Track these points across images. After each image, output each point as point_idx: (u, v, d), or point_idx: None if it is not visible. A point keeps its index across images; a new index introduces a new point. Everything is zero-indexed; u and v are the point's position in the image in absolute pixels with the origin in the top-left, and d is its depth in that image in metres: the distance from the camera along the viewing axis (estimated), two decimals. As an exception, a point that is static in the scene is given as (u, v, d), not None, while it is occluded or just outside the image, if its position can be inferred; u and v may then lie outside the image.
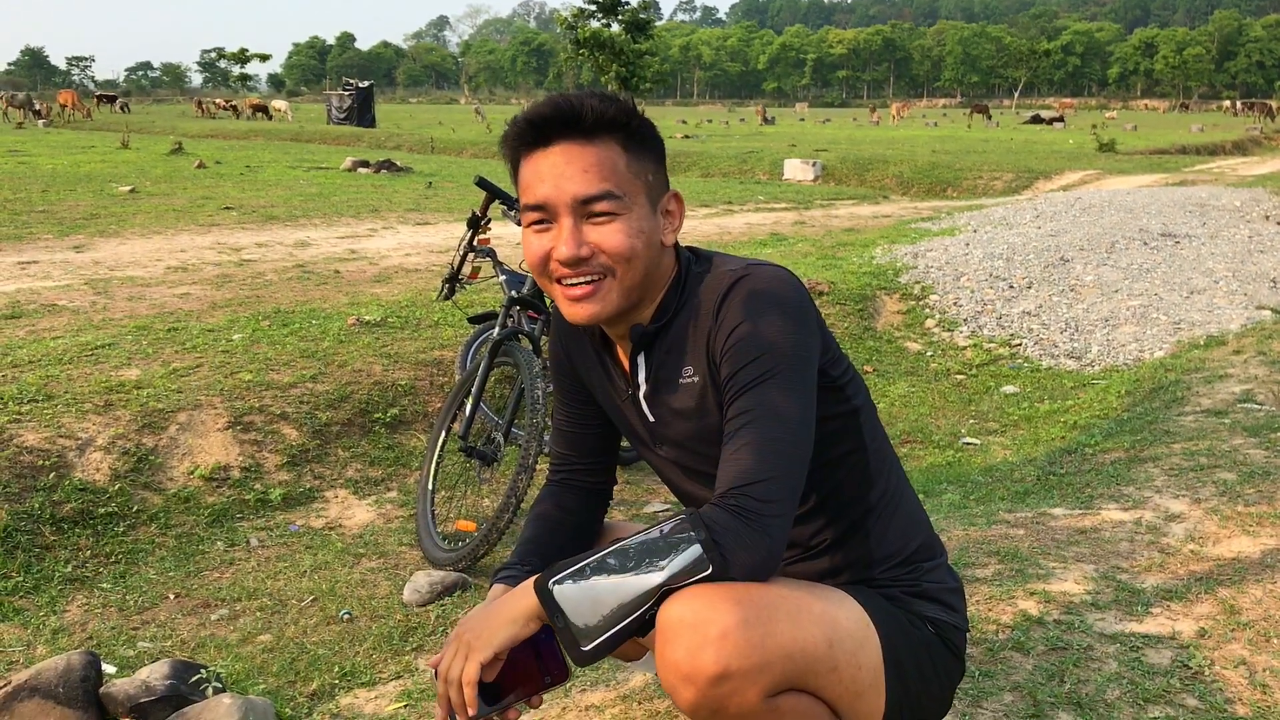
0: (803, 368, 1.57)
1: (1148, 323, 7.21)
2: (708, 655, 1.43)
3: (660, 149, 1.70)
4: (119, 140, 26.51)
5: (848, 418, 1.72)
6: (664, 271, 1.70)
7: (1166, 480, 3.71)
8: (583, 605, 1.48)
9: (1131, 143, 30.84)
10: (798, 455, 1.54)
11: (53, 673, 2.73)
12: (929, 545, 1.80)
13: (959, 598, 1.79)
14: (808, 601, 1.56)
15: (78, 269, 8.72)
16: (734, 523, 1.48)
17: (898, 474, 1.80)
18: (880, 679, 1.60)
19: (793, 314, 1.59)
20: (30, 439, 4.51)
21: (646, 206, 1.64)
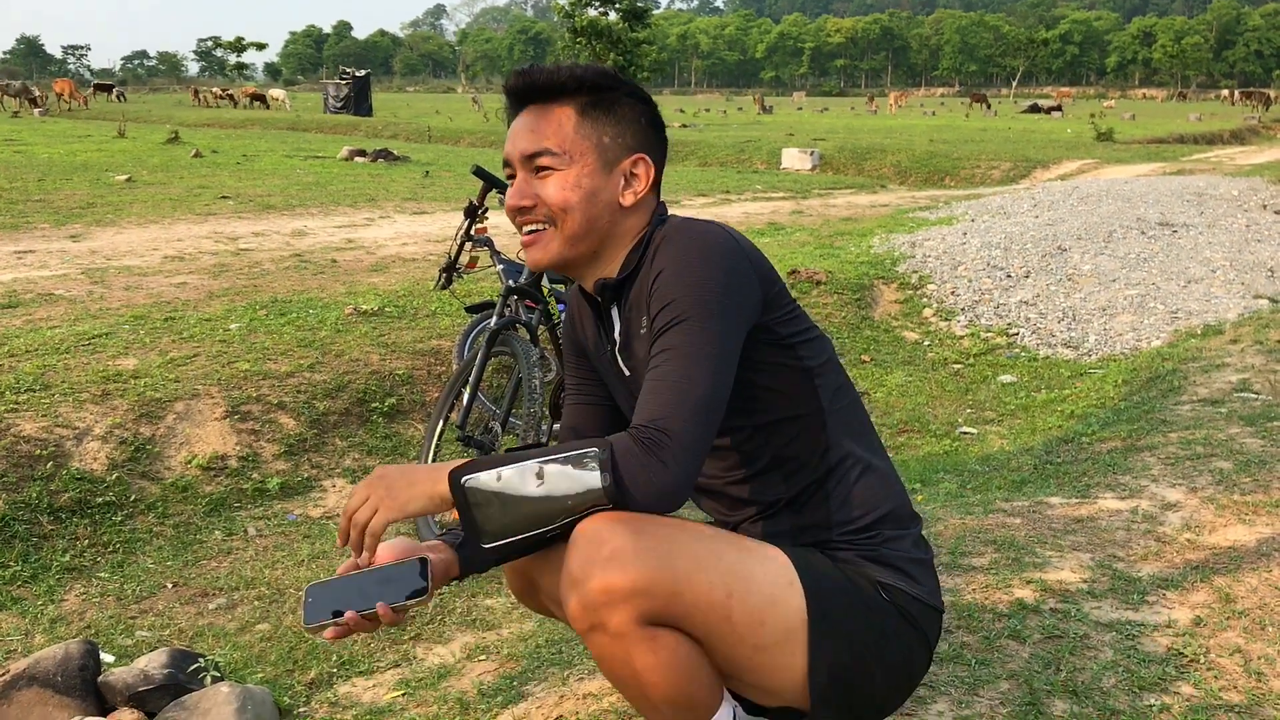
0: (721, 312, 1.61)
1: (1145, 312, 7.21)
2: (595, 567, 1.53)
3: (638, 115, 1.79)
4: (115, 129, 26.44)
5: (798, 376, 1.74)
6: (628, 229, 1.79)
7: (1163, 469, 3.72)
8: (490, 507, 1.57)
9: (1129, 132, 30.82)
10: (704, 395, 1.57)
11: (51, 661, 2.74)
12: (896, 515, 1.78)
13: (924, 570, 1.77)
14: (722, 549, 1.63)
15: (74, 258, 8.71)
16: (637, 452, 1.54)
17: (865, 441, 1.80)
18: (796, 638, 1.62)
19: (715, 260, 1.64)
20: (27, 428, 4.51)
21: (594, 165, 1.75)
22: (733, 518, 1.83)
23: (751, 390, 1.72)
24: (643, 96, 1.80)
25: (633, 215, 1.79)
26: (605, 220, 1.77)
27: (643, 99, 1.80)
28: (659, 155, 1.82)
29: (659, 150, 1.82)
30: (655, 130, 1.82)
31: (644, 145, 1.79)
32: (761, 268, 1.72)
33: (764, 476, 1.77)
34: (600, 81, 1.76)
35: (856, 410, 1.82)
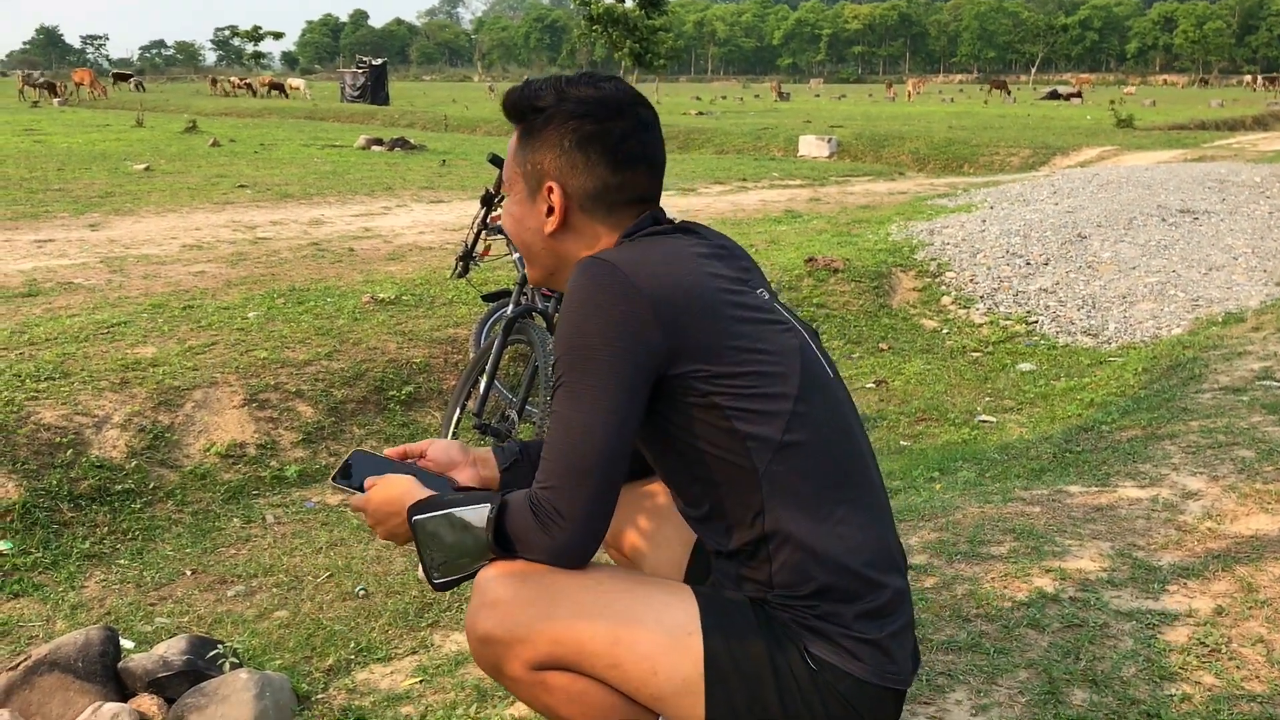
0: (601, 369, 1.54)
1: (1165, 300, 7.16)
2: (478, 618, 1.61)
3: (560, 139, 1.70)
4: (134, 119, 26.55)
5: (724, 436, 1.59)
6: (572, 251, 1.74)
7: (1184, 458, 3.69)
8: (431, 544, 1.67)
9: (1150, 118, 30.58)
10: (591, 463, 1.54)
11: (72, 647, 2.75)
12: (846, 590, 1.60)
13: (871, 649, 1.59)
14: (613, 597, 1.62)
15: (93, 247, 8.74)
16: (533, 523, 1.58)
17: (815, 503, 1.60)
18: (695, 691, 1.59)
19: (594, 312, 1.56)
20: (48, 416, 4.53)
21: (523, 193, 1.75)
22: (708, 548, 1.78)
23: (677, 444, 1.63)
24: (576, 113, 1.69)
25: (569, 240, 1.73)
26: (540, 247, 1.76)
27: (574, 115, 1.69)
28: (589, 180, 1.69)
29: (591, 174, 1.69)
30: (587, 149, 1.69)
31: (560, 169, 1.70)
32: (675, 309, 1.56)
33: (707, 524, 1.70)
34: (529, 106, 1.73)
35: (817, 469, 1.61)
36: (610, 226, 1.73)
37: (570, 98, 1.69)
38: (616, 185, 1.70)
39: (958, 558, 2.90)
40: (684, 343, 1.57)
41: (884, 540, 1.67)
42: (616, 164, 1.70)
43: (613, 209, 1.72)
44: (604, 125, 1.69)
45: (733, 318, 1.60)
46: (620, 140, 1.69)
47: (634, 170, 1.71)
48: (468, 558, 1.64)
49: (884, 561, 1.65)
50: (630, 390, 1.55)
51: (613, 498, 1.58)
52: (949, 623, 2.52)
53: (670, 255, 1.63)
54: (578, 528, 1.56)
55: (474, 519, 1.61)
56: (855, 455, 1.67)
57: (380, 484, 1.78)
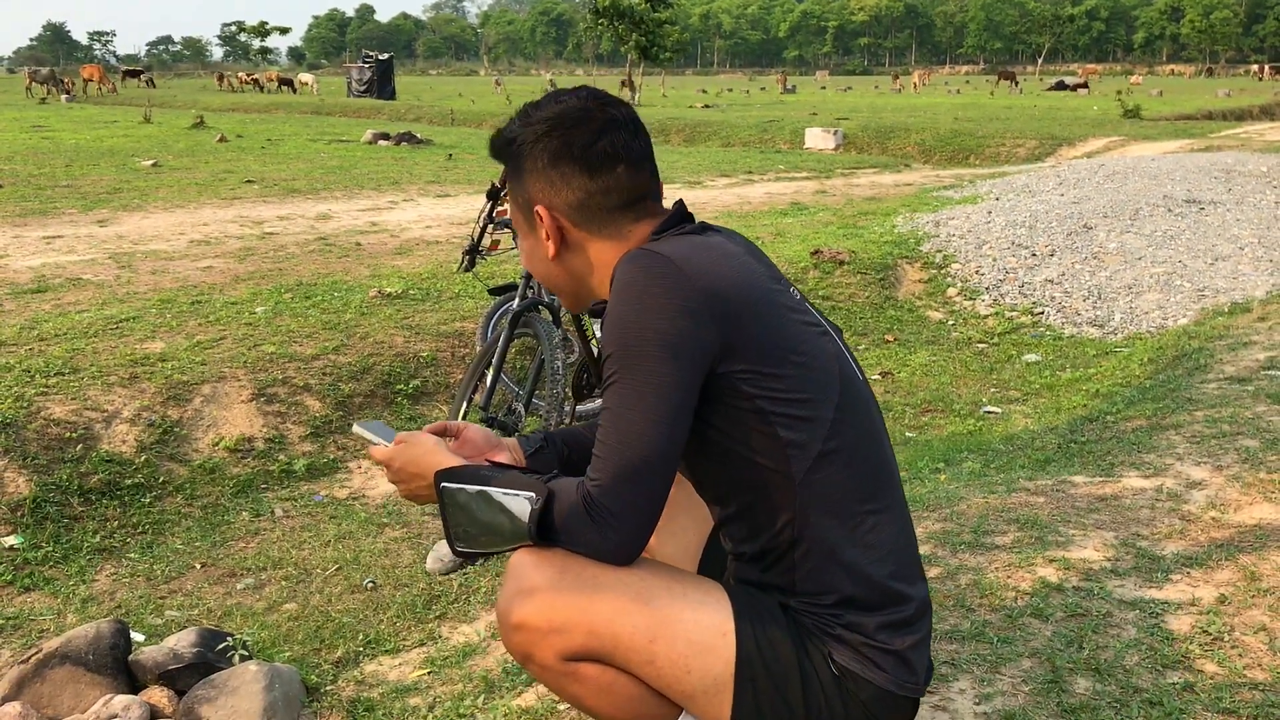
0: (655, 364, 1.51)
1: (1171, 290, 7.15)
2: (515, 604, 1.59)
3: (537, 160, 1.69)
4: (141, 115, 26.58)
5: (766, 441, 1.58)
6: (591, 264, 1.73)
7: (1188, 447, 3.70)
8: (459, 515, 1.65)
9: (1157, 108, 30.48)
10: (644, 460, 1.52)
11: (83, 640, 2.78)
12: (870, 600, 1.61)
13: (892, 659, 1.60)
14: (653, 592, 1.59)
15: (102, 243, 8.77)
16: (584, 519, 1.55)
17: (848, 513, 1.61)
18: (724, 691, 1.59)
19: (651, 304, 1.52)
20: (57, 411, 4.56)
21: (524, 227, 1.77)
22: (727, 549, 1.78)
23: (714, 446, 1.62)
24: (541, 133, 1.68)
25: (575, 260, 1.72)
26: (556, 271, 1.75)
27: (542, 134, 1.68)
28: (570, 194, 1.68)
29: (570, 187, 1.67)
30: (559, 164, 1.67)
31: (542, 191, 1.69)
32: (728, 305, 1.55)
33: (733, 525, 1.69)
34: (504, 143, 1.74)
35: (852, 478, 1.61)
36: (614, 234, 1.70)
37: (534, 120, 1.70)
38: (599, 190, 1.68)
39: (962, 548, 2.91)
40: (735, 340, 1.55)
41: (909, 550, 1.68)
42: (591, 170, 1.67)
43: (609, 216, 1.69)
44: (568, 136, 1.67)
45: (780, 318, 1.60)
46: (587, 146, 1.67)
47: (611, 172, 1.68)
48: (499, 539, 1.62)
49: (909, 572, 1.67)
50: (686, 387, 1.53)
51: (665, 497, 1.55)
52: (953, 612, 2.53)
53: (716, 250, 1.61)
54: (631, 527, 1.53)
55: (514, 506, 1.58)
56: (884, 463, 1.68)
57: (409, 440, 1.78)
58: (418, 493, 1.76)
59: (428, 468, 1.72)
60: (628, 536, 1.54)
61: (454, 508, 1.65)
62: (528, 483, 1.59)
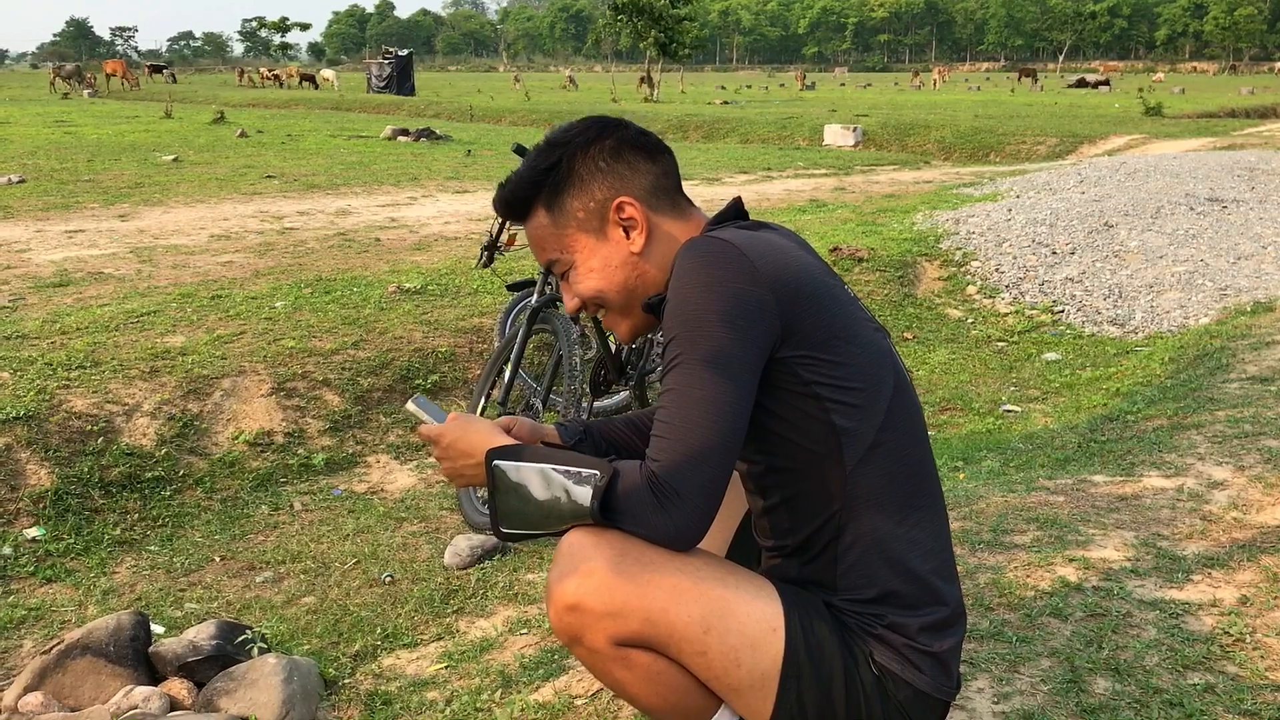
0: (720, 347, 1.51)
1: (1193, 289, 7.11)
2: (569, 584, 1.54)
3: (593, 163, 1.70)
4: (162, 110, 26.74)
5: (821, 429, 1.58)
6: (666, 256, 1.71)
7: (1210, 447, 3.68)
8: (509, 496, 1.62)
9: (1179, 106, 30.28)
10: (709, 443, 1.50)
11: (104, 632, 2.79)
12: (904, 597, 1.62)
13: (931, 661, 1.61)
14: (707, 584, 1.57)
15: (123, 237, 8.83)
16: (648, 499, 1.52)
17: (896, 508, 1.62)
18: (769, 685, 1.59)
19: (716, 287, 1.53)
20: (79, 404, 4.59)
21: (591, 242, 1.72)
22: (761, 542, 1.79)
23: (766, 432, 1.61)
24: (591, 138, 1.71)
25: (658, 245, 1.72)
26: (635, 275, 1.72)
27: (592, 139, 1.71)
28: (642, 179, 1.71)
29: (640, 172, 1.71)
30: (622, 156, 1.71)
31: (615, 187, 1.70)
32: (792, 291, 1.56)
33: (775, 515, 1.69)
34: (542, 166, 1.71)
35: (899, 472, 1.62)
36: (684, 215, 1.74)
37: (572, 135, 1.71)
38: (662, 173, 1.73)
39: (981, 547, 2.90)
40: (796, 326, 1.55)
41: (948, 549, 1.69)
42: (650, 155, 1.73)
43: (673, 200, 1.74)
44: (616, 133, 1.72)
45: (839, 306, 1.61)
46: (637, 136, 1.73)
47: (663, 155, 1.75)
48: (553, 519, 1.59)
49: (948, 571, 1.67)
50: (750, 369, 1.53)
51: (728, 480, 1.53)
52: (972, 611, 2.52)
53: (775, 241, 1.63)
54: (696, 509, 1.51)
55: (576, 484, 1.56)
56: (928, 461, 1.69)
57: (462, 419, 1.76)
58: (463, 471, 1.73)
59: (479, 446, 1.69)
60: (692, 519, 1.51)
61: (505, 487, 1.62)
62: (590, 461, 1.57)
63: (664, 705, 1.62)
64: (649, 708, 1.64)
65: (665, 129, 25.10)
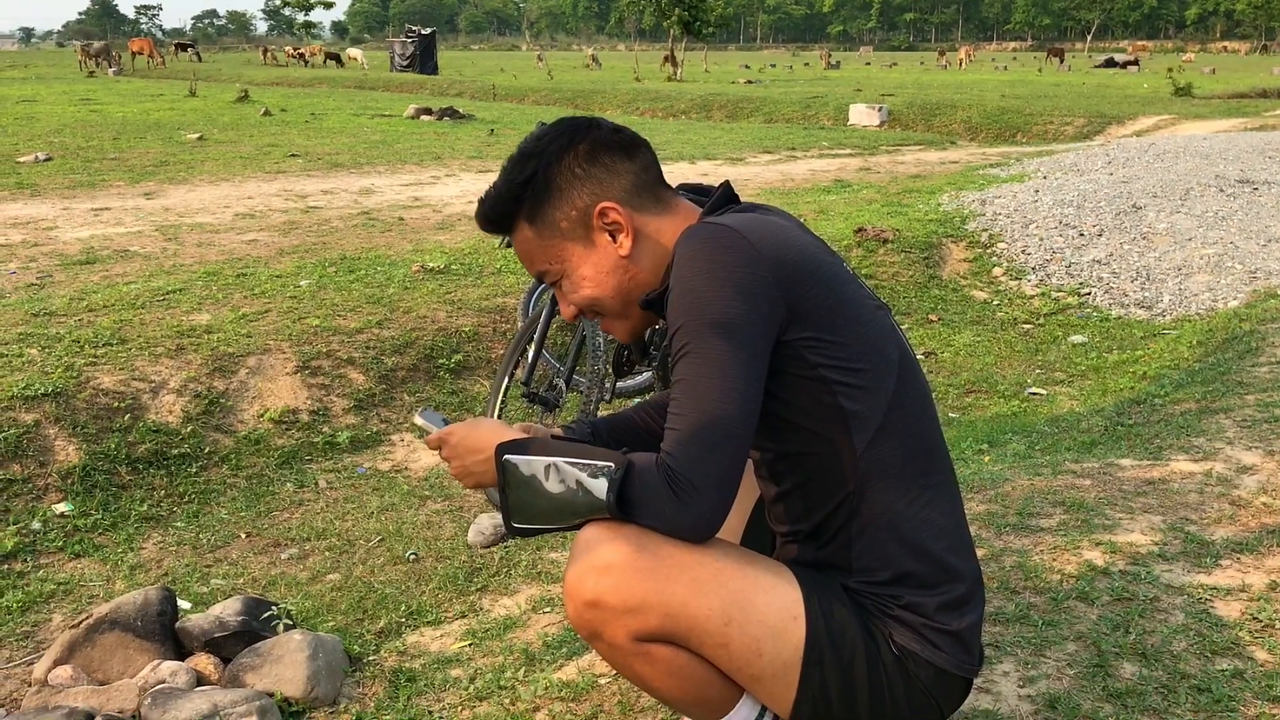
0: (727, 334, 1.50)
1: (1222, 271, 7.03)
2: (588, 580, 1.54)
3: (570, 171, 1.67)
4: (187, 88, 26.81)
5: (829, 413, 1.58)
6: (660, 254, 1.69)
7: (1238, 432, 3.64)
8: (521, 491, 1.60)
9: (1209, 86, 29.91)
10: (722, 431, 1.49)
11: (131, 607, 2.82)
12: (920, 576, 1.61)
13: (951, 639, 1.61)
14: (727, 575, 1.56)
15: (148, 215, 8.87)
16: (663, 491, 1.50)
17: (907, 488, 1.61)
18: (792, 673, 1.58)
19: (719, 273, 1.52)
20: (106, 381, 4.62)
21: (579, 250, 1.70)
22: (775, 528, 1.78)
23: (776, 420, 1.61)
24: (565, 145, 1.68)
25: (646, 245, 1.69)
26: (627, 277, 1.70)
27: (566, 146, 1.68)
28: (621, 180, 1.68)
29: (618, 173, 1.68)
30: (598, 159, 1.68)
31: (595, 192, 1.67)
32: (794, 272, 1.54)
33: (788, 501, 1.69)
34: (519, 180, 1.68)
35: (909, 452, 1.62)
36: (668, 209, 1.71)
37: (545, 144, 1.68)
38: (640, 168, 1.70)
39: (1006, 530, 2.89)
40: (801, 308, 1.54)
41: (962, 525, 1.68)
42: (626, 152, 1.70)
43: (656, 194, 1.71)
44: (588, 136, 1.69)
45: (842, 286, 1.59)
46: (611, 134, 1.70)
47: (640, 150, 1.71)
48: (565, 513, 1.57)
49: (962, 548, 1.67)
50: (759, 355, 1.52)
51: (743, 468, 1.51)
52: (997, 594, 2.51)
53: (772, 224, 1.61)
54: (713, 500, 1.49)
55: (590, 477, 1.54)
56: (938, 439, 1.68)
57: (469, 421, 1.76)
58: (472, 469, 1.71)
59: (488, 442, 1.67)
60: (709, 511, 1.50)
61: (516, 482, 1.60)
62: (604, 453, 1.56)
63: (686, 697, 1.62)
64: (671, 700, 1.64)
65: (689, 108, 25.00)
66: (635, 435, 1.95)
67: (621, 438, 1.94)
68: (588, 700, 2.29)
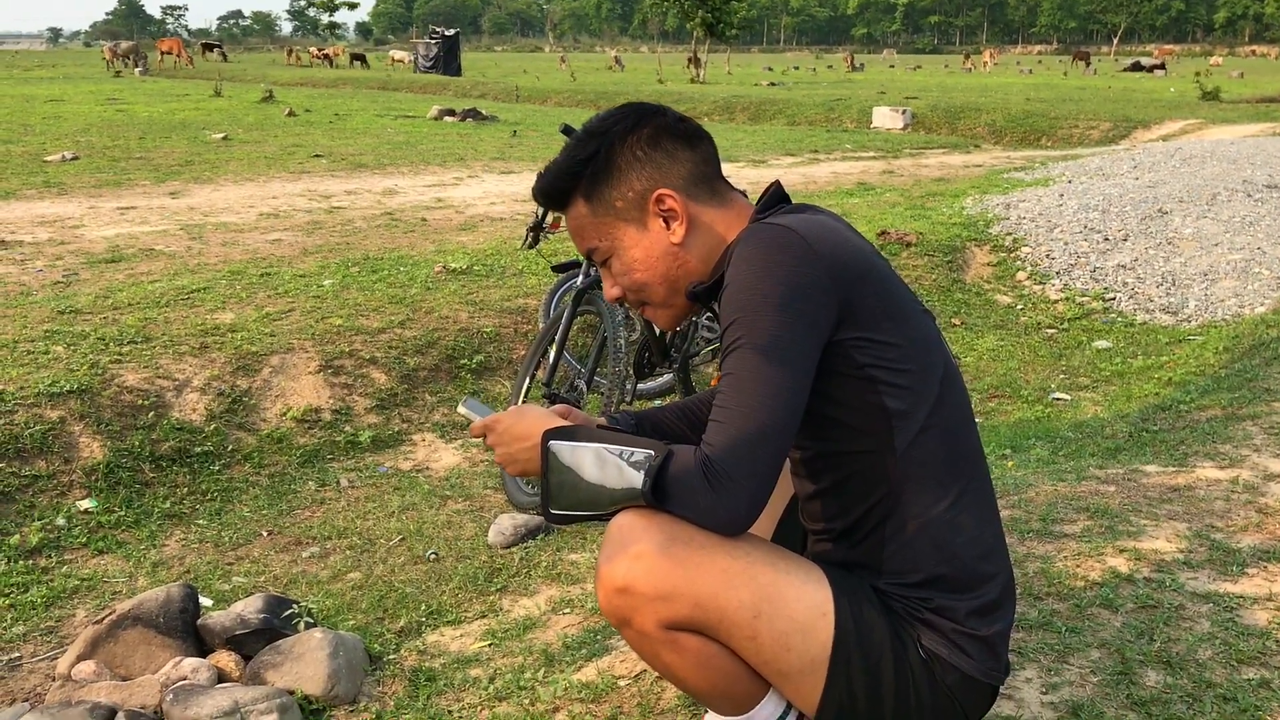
0: (781, 332, 1.51)
1: (1249, 277, 6.97)
2: (619, 567, 1.55)
3: (631, 154, 1.69)
4: (212, 88, 26.98)
5: (874, 414, 1.59)
6: (711, 245, 1.71)
7: (1266, 439, 3.61)
8: (562, 476, 1.62)
9: (1237, 90, 29.67)
10: (766, 427, 1.49)
11: (154, 603, 2.83)
12: (952, 580, 1.62)
13: (979, 645, 1.61)
14: (757, 568, 1.57)
15: (173, 214, 8.93)
16: (700, 481, 1.51)
17: (945, 491, 1.62)
18: (819, 670, 1.58)
19: (777, 272, 1.53)
20: (130, 379, 4.65)
21: (632, 232, 1.72)
22: (808, 526, 1.79)
23: (820, 418, 1.61)
24: (629, 127, 1.70)
25: (699, 235, 1.71)
26: (677, 265, 1.72)
27: (630, 128, 1.70)
28: (681, 168, 1.70)
29: (678, 161, 1.70)
30: (660, 144, 1.70)
31: (654, 177, 1.69)
32: (849, 273, 1.56)
33: (823, 499, 1.69)
34: (581, 157, 1.70)
35: (948, 455, 1.63)
36: (725, 202, 1.73)
37: (610, 124, 1.71)
38: (701, 159, 1.72)
39: (1030, 536, 2.87)
40: (852, 307, 1.56)
41: (997, 531, 1.69)
42: (689, 141, 1.72)
43: (713, 187, 1.73)
44: (654, 120, 1.71)
45: (893, 289, 1.61)
46: (675, 122, 1.72)
47: (702, 141, 1.74)
48: (603, 500, 1.58)
49: (997, 555, 1.67)
50: (809, 354, 1.53)
51: (781, 465, 1.52)
52: (1021, 601, 2.49)
53: (828, 225, 1.63)
54: (749, 493, 1.50)
55: (629, 464, 1.55)
56: (975, 443, 1.69)
57: (515, 408, 1.77)
58: (517, 456, 1.72)
59: (535, 429, 1.69)
60: (744, 503, 1.50)
61: (558, 467, 1.61)
62: (645, 442, 1.57)
63: (712, 689, 1.62)
64: (696, 691, 1.64)
65: (712, 110, 24.98)
66: (670, 436, 1.95)
67: (662, 431, 1.95)
68: (607, 701, 2.28)
